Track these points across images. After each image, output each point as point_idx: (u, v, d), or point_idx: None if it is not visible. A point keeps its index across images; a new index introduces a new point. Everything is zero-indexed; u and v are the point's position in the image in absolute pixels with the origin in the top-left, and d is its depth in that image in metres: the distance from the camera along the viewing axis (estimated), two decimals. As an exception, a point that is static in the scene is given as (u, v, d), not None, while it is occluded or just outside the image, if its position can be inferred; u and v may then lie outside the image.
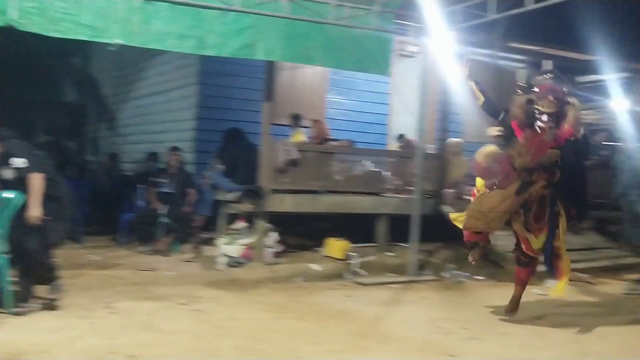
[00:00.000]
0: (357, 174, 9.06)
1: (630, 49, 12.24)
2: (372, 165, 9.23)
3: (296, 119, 9.10)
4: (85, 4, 6.30)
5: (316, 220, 9.14)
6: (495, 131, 10.63)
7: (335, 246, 8.31)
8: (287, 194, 8.31)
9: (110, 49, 6.86)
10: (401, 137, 10.37)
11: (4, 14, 5.86)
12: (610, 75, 11.85)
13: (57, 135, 15.50)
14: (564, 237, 5.41)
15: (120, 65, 13.28)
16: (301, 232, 9.10)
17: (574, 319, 5.86)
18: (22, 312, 5.11)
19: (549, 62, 11.27)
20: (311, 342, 4.80)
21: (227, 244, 7.97)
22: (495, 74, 11.83)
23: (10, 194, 5.16)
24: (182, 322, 5.24)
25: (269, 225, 8.19)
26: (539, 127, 5.05)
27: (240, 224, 8.25)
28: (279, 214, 8.25)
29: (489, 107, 5.74)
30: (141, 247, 8.84)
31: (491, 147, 10.39)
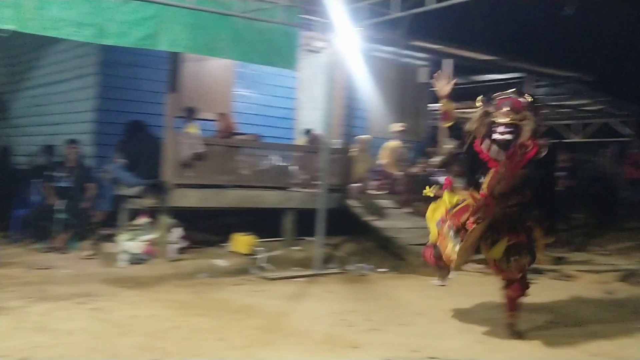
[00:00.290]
0: (264, 168, 9.05)
1: (525, 50, 12.92)
2: (279, 159, 9.25)
3: (190, 112, 8.76)
4: (-28, -14, 5.92)
5: (222, 215, 9.04)
6: (398, 127, 11.00)
7: (241, 241, 8.26)
8: (191, 188, 8.17)
9: (1, 35, 6.45)
10: (308, 131, 10.44)
11: None
12: (506, 74, 12.45)
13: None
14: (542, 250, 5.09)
15: (13, 52, 12.53)
16: (206, 228, 8.98)
17: (472, 308, 6.11)
18: None
19: (448, 61, 11.66)
20: (215, 338, 4.74)
21: (129, 240, 7.74)
22: (398, 71, 12.18)
23: None
24: (80, 322, 5.02)
25: (172, 220, 8.03)
26: (497, 138, 4.84)
27: (142, 220, 8.03)
28: (183, 209, 8.10)
29: (455, 131, 5.41)
30: (36, 244, 8.42)
31: (394, 142, 10.76)
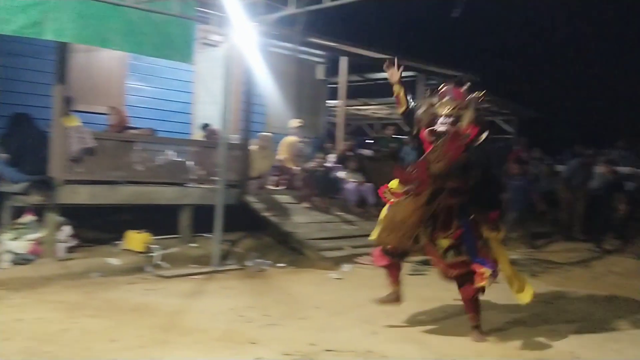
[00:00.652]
0: (159, 163, 8.83)
1: (417, 49, 13.40)
2: (175, 154, 9.06)
3: (66, 103, 8.25)
4: None
5: (115, 212, 8.74)
6: (296, 123, 11.09)
7: (135, 239, 8.03)
8: (82, 184, 7.84)
9: None
10: (205, 126, 10.27)
11: None
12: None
13: None
14: (497, 246, 4.91)
15: None
16: (98, 225, 8.65)
17: (365, 301, 6.27)
18: None
19: (345, 59, 11.89)
20: (107, 340, 4.59)
21: (13, 240, 7.32)
22: (296, 68, 12.26)
23: None
24: (-43, 328, 4.70)
25: (61, 218, 7.66)
26: (437, 129, 4.83)
27: (27, 218, 7.60)
28: (73, 206, 7.74)
29: (408, 117, 5.23)
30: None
31: (293, 138, 10.84)
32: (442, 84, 5.08)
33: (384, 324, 5.36)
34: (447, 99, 4.86)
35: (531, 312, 5.95)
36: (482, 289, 4.88)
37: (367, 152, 12.51)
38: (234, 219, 8.59)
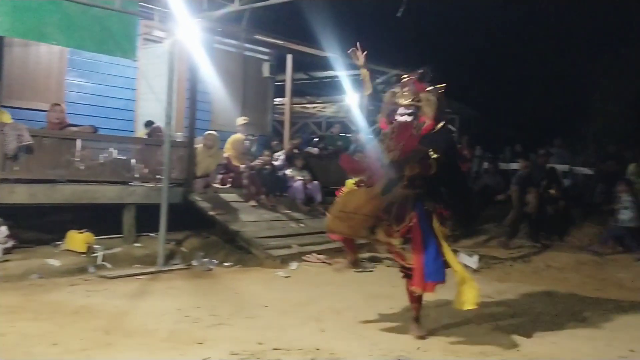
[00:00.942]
0: (102, 162, 8.60)
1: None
2: (117, 152, 8.85)
3: None
4: None
5: (55, 211, 8.48)
6: (242, 120, 11.02)
7: (76, 239, 7.80)
8: (19, 183, 7.57)
9: None
10: (149, 124, 10.08)
11: None
12: (344, 71, 12.93)
13: None
14: (443, 242, 4.84)
15: None
16: (38, 226, 8.37)
17: (316, 298, 6.30)
18: None
19: (291, 57, 11.88)
20: (48, 344, 4.45)
21: (-55, 242, 7.01)
22: (242, 65, 12.18)
23: None
24: None
25: (-3, 218, 7.39)
26: (396, 120, 4.83)
27: (-39, 219, 7.29)
28: (10, 206, 7.47)
29: (374, 97, 5.33)
30: None
31: (238, 136, 10.76)
32: (402, 75, 5.11)
33: (332, 321, 5.39)
34: (407, 90, 4.89)
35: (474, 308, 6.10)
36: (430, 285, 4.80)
37: (314, 150, 12.54)
38: (179, 218, 8.47)
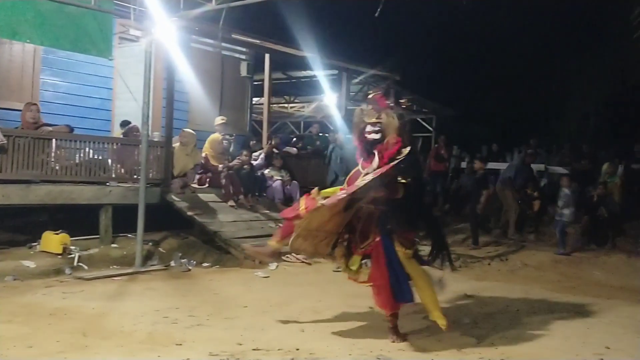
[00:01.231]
0: (77, 162, 8.50)
1: (340, 48, 13.54)
2: (93, 152, 8.74)
3: None
4: None
5: (30, 212, 8.37)
6: (219, 120, 10.96)
7: (52, 240, 7.70)
8: (-8, 184, 7.45)
9: None
10: (126, 123, 9.98)
11: None
12: (321, 71, 12.96)
13: None
14: (408, 263, 4.80)
15: None
16: (12, 227, 8.26)
17: (294, 298, 6.29)
18: None
19: (269, 56, 11.83)
20: (23, 346, 4.39)
21: None
22: (220, 64, 12.12)
23: None
24: None
25: (-30, 220, 7.26)
26: (365, 137, 4.81)
27: None
28: (-17, 207, 7.37)
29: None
30: None
31: (216, 135, 10.70)
32: (372, 89, 5.14)
33: (311, 321, 5.39)
34: (372, 107, 4.88)
35: (453, 306, 6.15)
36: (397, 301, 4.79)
37: (292, 150, 12.54)
38: (156, 218, 8.41)
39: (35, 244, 7.82)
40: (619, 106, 16.92)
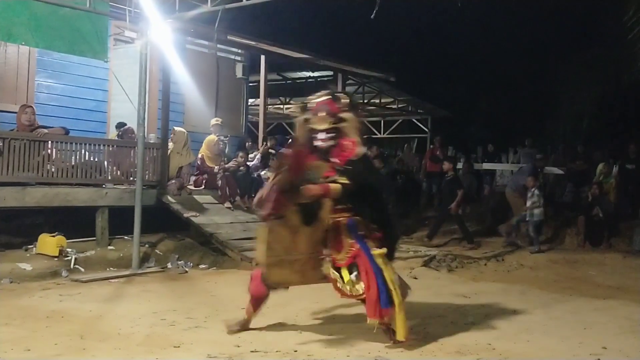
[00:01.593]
0: (73, 164, 8.48)
1: (336, 49, 13.56)
2: (89, 154, 8.73)
3: None
4: None
5: (26, 215, 8.34)
6: (215, 121, 10.95)
7: (48, 242, 7.69)
8: (-12, 187, 7.43)
9: None
10: (121, 125, 9.96)
11: None
12: (317, 73, 12.98)
13: None
14: (385, 268, 4.65)
15: None
16: (8, 229, 8.23)
17: (291, 300, 6.27)
18: None
19: (262, 58, 11.84)
20: (20, 349, 4.38)
21: None
22: (215, 66, 12.12)
23: None
24: None
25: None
26: (318, 146, 4.61)
27: None
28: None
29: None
30: None
31: (212, 137, 10.69)
32: (310, 100, 4.86)
33: (309, 322, 5.39)
34: (323, 113, 4.70)
35: (449, 306, 6.16)
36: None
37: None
38: (153, 220, 8.39)
39: (31, 246, 7.80)
40: (613, 107, 16.99)
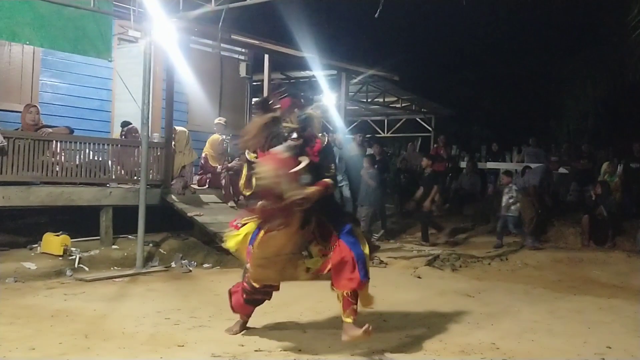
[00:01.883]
0: (78, 163, 8.50)
1: (338, 48, 13.55)
2: (94, 154, 8.74)
3: None
4: None
5: (31, 214, 8.37)
6: (219, 121, 10.94)
7: (53, 242, 7.70)
8: (-7, 186, 7.45)
9: None
10: (125, 124, 9.96)
11: None
12: (320, 72, 12.95)
13: None
14: (364, 243, 4.64)
15: None
16: (12, 228, 8.26)
17: (297, 299, 6.28)
18: None
19: (266, 57, 11.82)
20: (25, 348, 4.39)
21: None
22: (219, 65, 12.11)
23: None
24: None
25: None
26: (290, 145, 4.45)
27: None
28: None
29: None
30: None
31: (216, 136, 10.69)
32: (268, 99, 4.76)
33: (313, 321, 5.40)
34: (293, 111, 4.58)
35: (454, 306, 6.15)
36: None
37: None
38: (157, 219, 8.41)
39: (35, 245, 7.81)
40: (617, 105, 16.93)
